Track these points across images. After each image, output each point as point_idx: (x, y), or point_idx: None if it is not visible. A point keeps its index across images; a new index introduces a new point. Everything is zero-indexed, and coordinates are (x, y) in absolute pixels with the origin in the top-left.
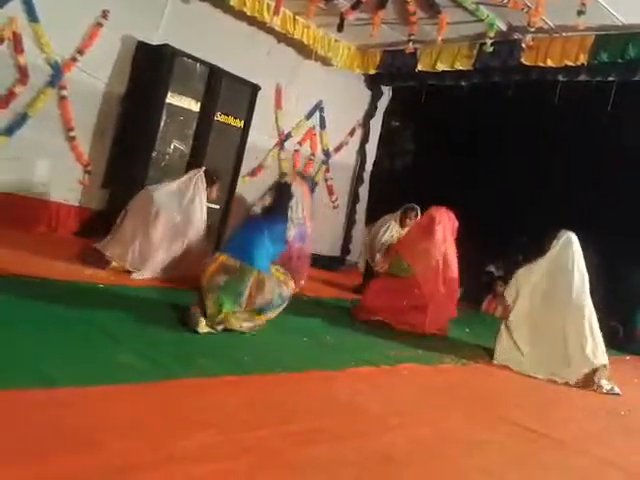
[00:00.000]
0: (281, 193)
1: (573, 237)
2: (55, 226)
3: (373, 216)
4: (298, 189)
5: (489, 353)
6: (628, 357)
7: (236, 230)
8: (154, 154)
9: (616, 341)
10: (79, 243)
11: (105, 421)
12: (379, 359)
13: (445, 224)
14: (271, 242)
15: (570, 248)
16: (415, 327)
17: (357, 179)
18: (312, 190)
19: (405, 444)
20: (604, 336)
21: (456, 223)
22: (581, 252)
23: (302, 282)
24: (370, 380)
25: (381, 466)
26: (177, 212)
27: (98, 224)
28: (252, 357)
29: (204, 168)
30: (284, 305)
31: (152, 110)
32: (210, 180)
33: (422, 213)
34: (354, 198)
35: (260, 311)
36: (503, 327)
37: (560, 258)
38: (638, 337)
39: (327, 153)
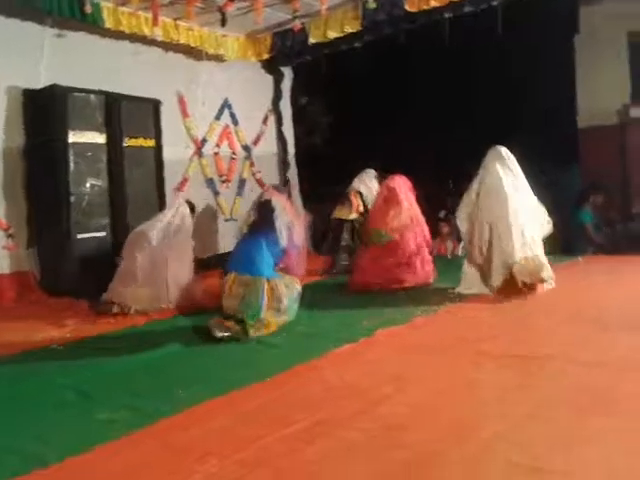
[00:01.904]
0: (263, 210)
1: (497, 150)
2: None
3: (311, 196)
4: (277, 202)
5: (452, 291)
6: (581, 258)
7: (235, 249)
8: (72, 198)
9: (569, 245)
10: (22, 311)
11: None
12: (355, 333)
13: (405, 191)
14: (269, 250)
15: (495, 162)
16: (405, 282)
17: (283, 164)
18: (289, 196)
19: (404, 409)
20: (555, 243)
21: (410, 184)
22: (509, 160)
23: (301, 273)
24: (353, 356)
25: (388, 439)
26: (169, 244)
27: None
28: (231, 371)
29: (185, 199)
30: (297, 298)
31: (57, 154)
32: (191, 208)
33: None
34: (286, 184)
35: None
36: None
37: (488, 174)
38: (588, 235)
39: (247, 148)
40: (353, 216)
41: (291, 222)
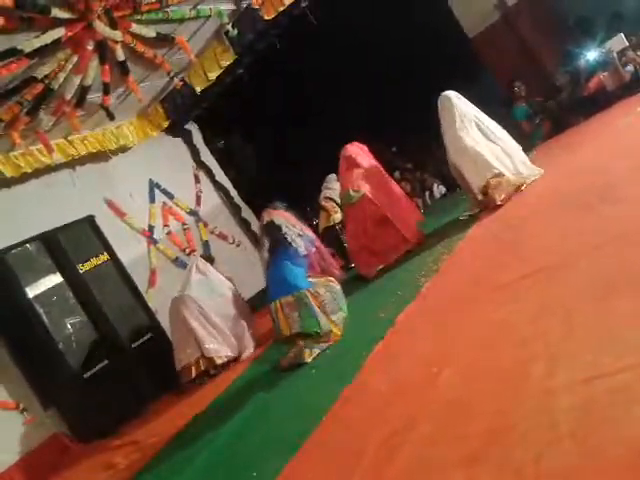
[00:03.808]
0: (271, 232)
1: (444, 97)
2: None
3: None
4: (279, 218)
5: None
6: (534, 152)
7: (267, 280)
8: (60, 345)
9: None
10: (71, 471)
11: None
12: (378, 329)
13: (361, 154)
14: (295, 264)
15: (446, 108)
16: (399, 246)
17: (234, 209)
18: (286, 207)
19: (458, 381)
20: None
21: (365, 147)
22: (459, 103)
23: (337, 272)
24: (387, 355)
25: (457, 419)
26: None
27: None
28: (287, 429)
29: (198, 255)
30: (341, 295)
31: (26, 314)
32: (209, 260)
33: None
34: (245, 225)
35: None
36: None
37: (446, 120)
38: (527, 131)
39: (194, 212)
40: (337, 218)
41: (300, 230)
